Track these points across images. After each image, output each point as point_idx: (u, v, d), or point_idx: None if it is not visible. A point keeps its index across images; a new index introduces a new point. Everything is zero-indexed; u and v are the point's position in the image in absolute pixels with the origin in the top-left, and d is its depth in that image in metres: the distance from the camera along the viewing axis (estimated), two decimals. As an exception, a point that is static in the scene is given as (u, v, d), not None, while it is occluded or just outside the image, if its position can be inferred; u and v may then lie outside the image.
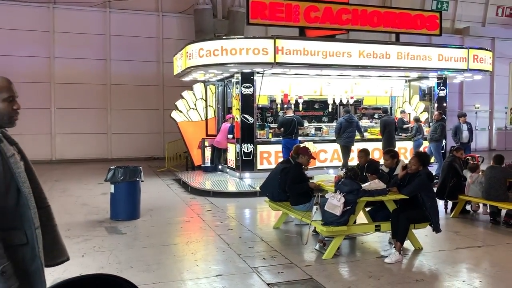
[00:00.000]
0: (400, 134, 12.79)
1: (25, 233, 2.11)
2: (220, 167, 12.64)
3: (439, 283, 4.80)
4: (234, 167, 11.52)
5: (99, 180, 10.56)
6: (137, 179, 7.42)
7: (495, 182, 6.88)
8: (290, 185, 6.43)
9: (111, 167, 7.46)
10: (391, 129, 11.72)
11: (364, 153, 6.94)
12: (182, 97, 12.90)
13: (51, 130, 16.29)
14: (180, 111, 12.78)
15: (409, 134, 12.64)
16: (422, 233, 6.12)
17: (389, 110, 12.61)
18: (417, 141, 12.32)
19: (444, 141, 12.07)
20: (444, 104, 13.34)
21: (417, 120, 12.67)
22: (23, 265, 2.09)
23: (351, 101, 13.11)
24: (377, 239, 6.28)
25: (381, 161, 7.18)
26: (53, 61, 16.17)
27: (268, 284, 4.60)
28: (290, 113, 11.05)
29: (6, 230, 2.06)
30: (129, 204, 7.41)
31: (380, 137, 12.37)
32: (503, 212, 7.23)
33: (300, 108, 13.03)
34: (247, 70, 10.84)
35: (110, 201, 7.48)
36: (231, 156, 11.87)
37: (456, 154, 7.90)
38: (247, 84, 10.95)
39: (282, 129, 10.85)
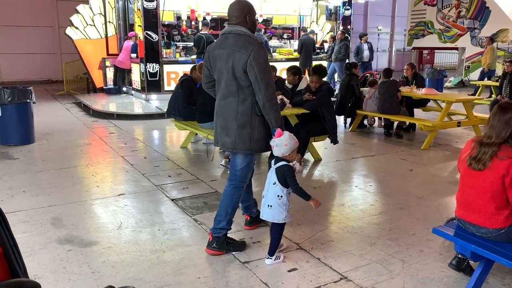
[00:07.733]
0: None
1: None
2: (124, 89, 12.00)
3: (335, 189, 5.15)
4: (139, 88, 10.98)
5: (-15, 105, 9.51)
6: (28, 100, 6.82)
7: (388, 96, 7.33)
8: (184, 103, 6.45)
9: (-4, 88, 6.75)
10: (308, 48, 11.76)
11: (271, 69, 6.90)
12: (78, 12, 11.69)
13: None
14: (76, 28, 11.63)
15: (324, 55, 12.82)
16: (322, 146, 6.46)
17: (307, 30, 12.55)
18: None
19: (347, 60, 12.46)
20: (349, 26, 13.63)
21: (334, 38, 12.81)
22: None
23: (260, 19, 12.84)
24: (281, 153, 6.49)
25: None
26: None
27: (173, 200, 4.60)
28: (204, 30, 10.57)
29: None
30: (20, 127, 6.85)
31: (288, 57, 12.47)
32: (396, 124, 7.84)
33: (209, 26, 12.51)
34: (148, -18, 10.01)
35: (-2, 125, 6.85)
36: (135, 77, 11.26)
37: (354, 72, 8.16)
38: (150, -2, 10.17)
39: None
